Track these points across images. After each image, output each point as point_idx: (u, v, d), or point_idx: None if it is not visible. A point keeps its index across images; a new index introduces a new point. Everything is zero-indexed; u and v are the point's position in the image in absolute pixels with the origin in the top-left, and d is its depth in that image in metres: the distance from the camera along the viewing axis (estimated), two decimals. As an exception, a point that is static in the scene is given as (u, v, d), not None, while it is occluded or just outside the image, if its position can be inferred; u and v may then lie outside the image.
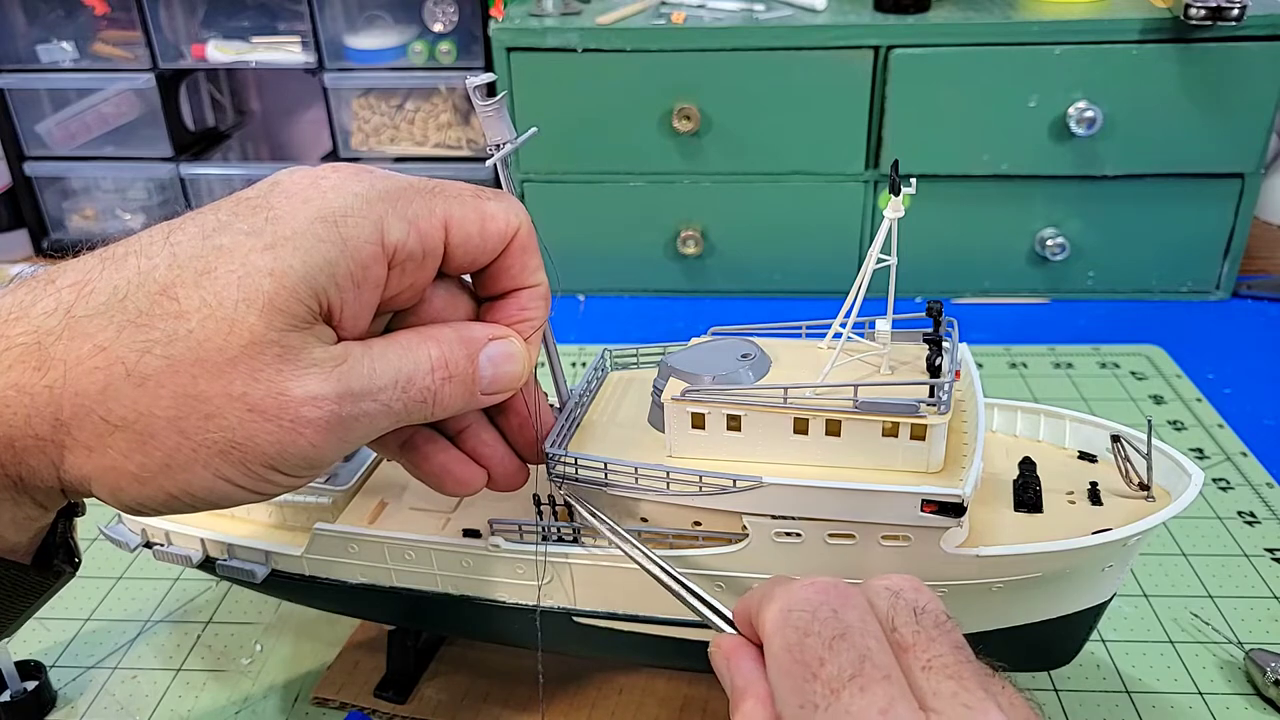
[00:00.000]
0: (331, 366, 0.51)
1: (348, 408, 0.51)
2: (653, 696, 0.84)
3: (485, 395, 0.59)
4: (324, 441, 0.51)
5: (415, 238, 0.54)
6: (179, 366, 0.48)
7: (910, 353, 0.72)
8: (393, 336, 0.56)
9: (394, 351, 0.54)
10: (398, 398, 0.54)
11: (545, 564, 0.72)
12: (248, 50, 1.77)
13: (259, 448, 0.49)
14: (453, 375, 0.56)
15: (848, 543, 0.66)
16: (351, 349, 0.53)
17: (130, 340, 0.47)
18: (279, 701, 0.86)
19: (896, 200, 0.66)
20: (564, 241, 1.57)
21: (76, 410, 0.48)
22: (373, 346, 0.54)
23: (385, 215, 0.53)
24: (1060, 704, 0.83)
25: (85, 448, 0.48)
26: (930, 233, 1.49)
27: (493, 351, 0.58)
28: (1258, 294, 1.53)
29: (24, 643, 0.93)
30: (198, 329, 0.48)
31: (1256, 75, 1.37)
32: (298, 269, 0.49)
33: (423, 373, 0.55)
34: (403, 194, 0.54)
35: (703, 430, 0.68)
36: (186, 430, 0.48)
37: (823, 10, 1.47)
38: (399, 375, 0.54)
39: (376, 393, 0.52)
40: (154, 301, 0.48)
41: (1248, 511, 1.05)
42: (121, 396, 0.47)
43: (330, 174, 0.54)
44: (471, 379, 0.57)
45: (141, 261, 0.49)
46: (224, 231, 0.50)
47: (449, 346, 0.56)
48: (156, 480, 0.49)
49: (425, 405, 0.56)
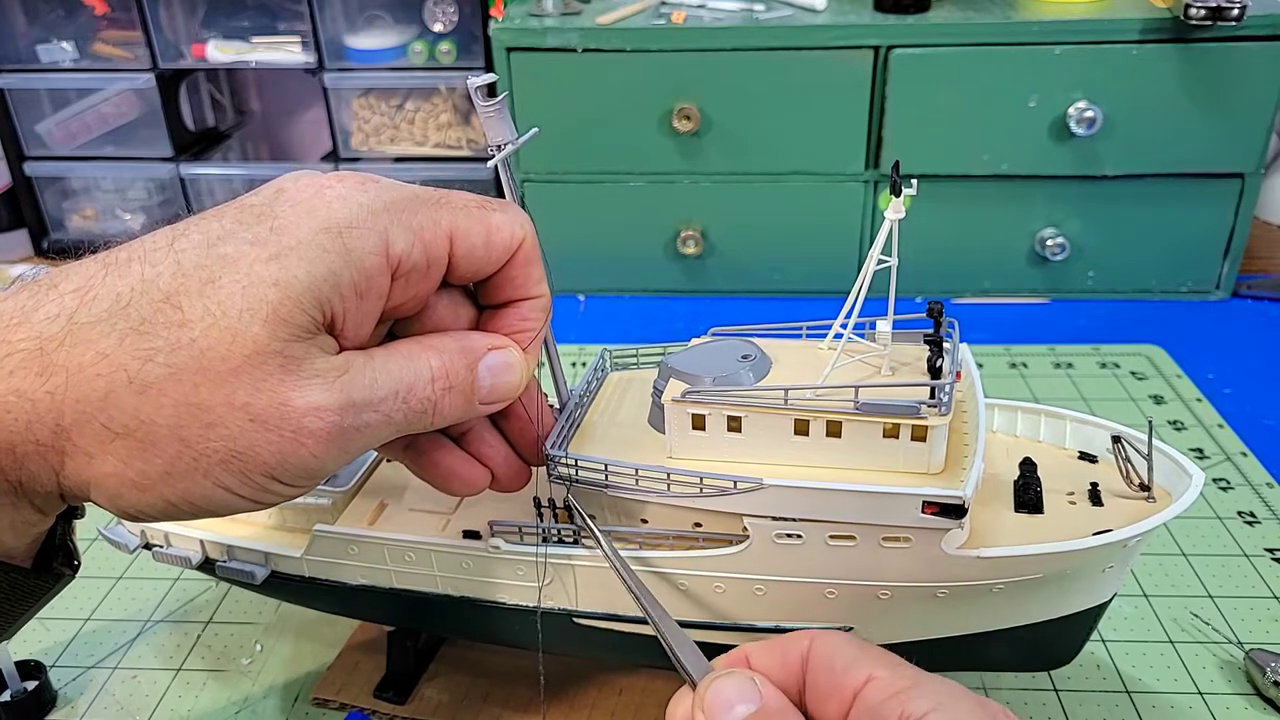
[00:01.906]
0: (334, 377, 0.51)
1: (349, 418, 0.51)
2: (653, 697, 0.84)
3: (484, 405, 0.59)
4: (325, 452, 0.51)
5: (420, 249, 0.54)
6: (181, 375, 0.48)
7: (911, 353, 0.72)
8: (393, 346, 0.56)
9: (395, 362, 0.54)
10: (398, 408, 0.54)
11: (546, 565, 0.72)
12: (248, 50, 1.77)
13: (259, 457, 0.49)
14: (453, 385, 0.56)
15: (848, 544, 0.66)
16: (353, 359, 0.53)
17: (133, 348, 0.47)
18: (279, 701, 0.86)
19: (897, 201, 0.66)
20: (564, 241, 1.57)
21: (78, 417, 0.47)
22: (374, 357, 0.54)
23: (390, 226, 0.53)
24: (1060, 704, 0.83)
25: (86, 454, 0.48)
26: (930, 233, 1.49)
27: (492, 361, 0.58)
28: (1258, 294, 1.53)
29: (24, 643, 0.94)
30: (201, 338, 0.48)
31: (1256, 75, 1.37)
32: (302, 279, 0.49)
33: (423, 383, 0.55)
34: (408, 205, 0.55)
35: (703, 431, 0.68)
36: (188, 439, 0.48)
37: (823, 10, 1.47)
38: (399, 385, 0.54)
39: (378, 403, 0.53)
40: (157, 309, 0.48)
41: (1248, 511, 1.05)
42: (123, 404, 0.47)
43: (335, 183, 0.54)
44: (471, 389, 0.58)
45: (145, 269, 0.49)
46: (229, 240, 0.50)
47: (449, 357, 0.57)
48: (156, 488, 0.49)
49: (425, 415, 0.56)
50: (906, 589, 0.68)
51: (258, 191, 0.54)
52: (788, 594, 0.69)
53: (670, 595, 0.71)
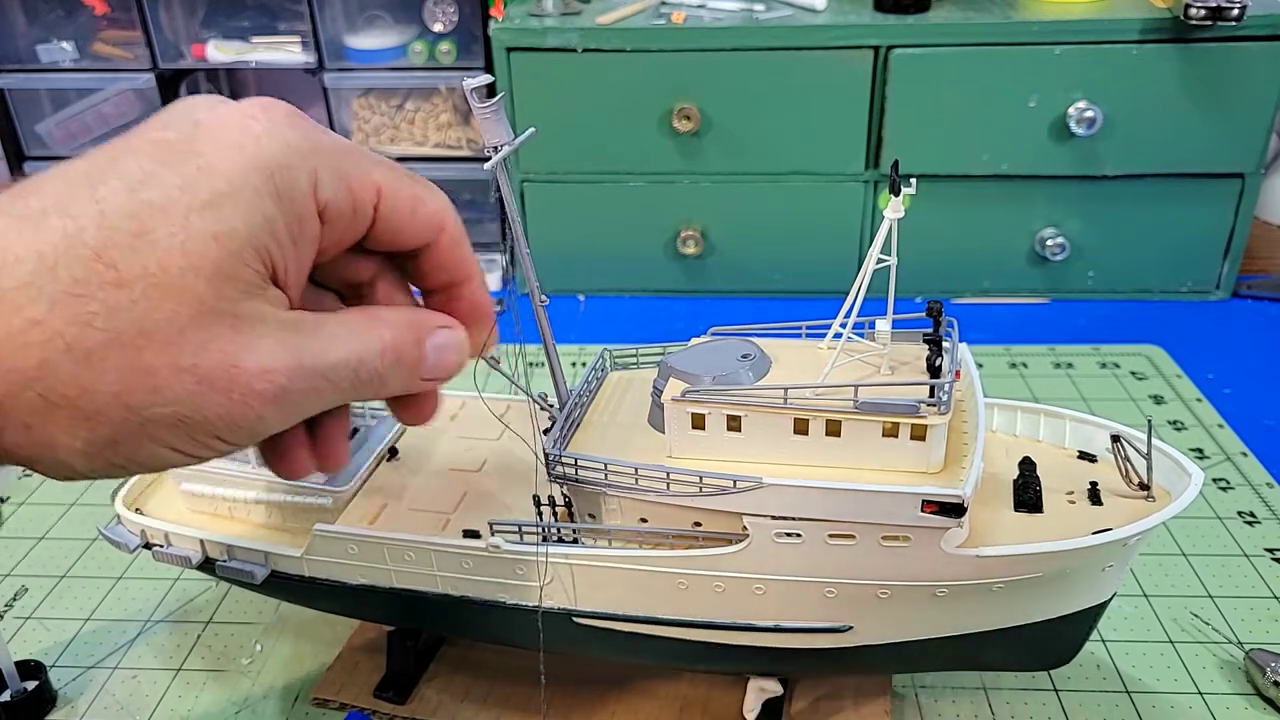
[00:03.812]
0: (285, 336, 0.50)
1: (299, 382, 0.50)
2: (652, 697, 0.84)
3: (425, 380, 0.59)
4: (272, 414, 0.50)
5: (346, 195, 0.53)
6: (124, 340, 0.45)
7: (910, 353, 0.72)
8: (344, 315, 0.55)
9: (346, 330, 0.53)
10: (347, 377, 0.53)
11: (546, 565, 0.72)
12: (248, 50, 1.76)
13: (207, 419, 0.48)
14: (400, 359, 0.56)
15: (848, 543, 0.66)
16: (304, 320, 0.51)
17: (67, 313, 0.44)
18: (279, 701, 0.86)
19: (897, 200, 0.66)
20: (564, 241, 1.57)
21: (10, 388, 0.45)
22: (326, 323, 0.53)
23: (319, 168, 0.51)
24: (1060, 704, 0.83)
25: (24, 426, 0.46)
26: (930, 233, 1.49)
27: (440, 340, 0.58)
28: (1258, 294, 1.53)
29: (24, 643, 0.94)
30: (142, 299, 0.45)
31: (1256, 75, 1.37)
32: (241, 231, 0.47)
33: (373, 354, 0.54)
34: (336, 149, 0.53)
35: (703, 431, 0.68)
36: (134, 405, 0.46)
37: (823, 10, 1.47)
38: (351, 355, 0.53)
39: (328, 370, 0.51)
40: (88, 268, 0.45)
41: (1248, 511, 1.05)
42: (60, 373, 0.45)
43: (260, 115, 0.51)
44: (417, 364, 0.57)
45: (65, 222, 0.45)
46: (153, 184, 0.47)
47: (400, 331, 0.56)
48: (103, 454, 0.48)
49: (371, 385, 0.55)
50: (906, 588, 0.68)
51: (168, 122, 0.50)
52: (787, 593, 0.69)
53: (670, 595, 0.71)
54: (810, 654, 0.73)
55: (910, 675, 0.86)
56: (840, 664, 0.76)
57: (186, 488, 0.83)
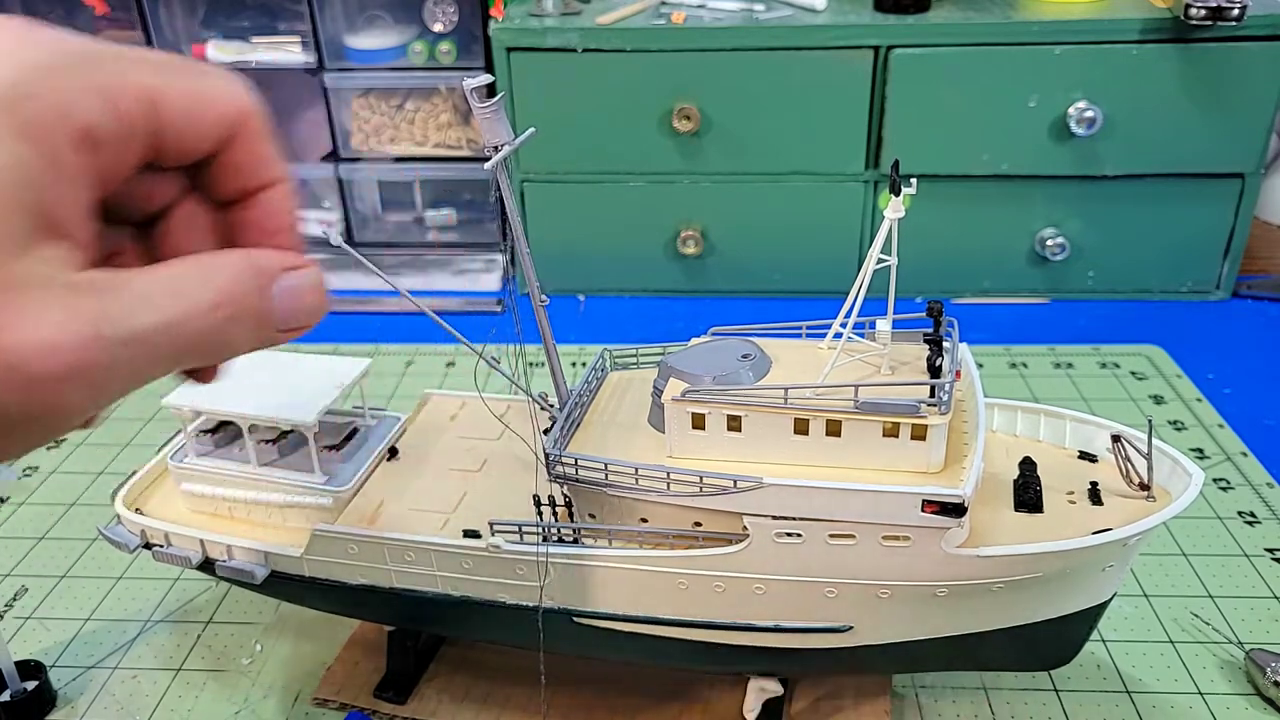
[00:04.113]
0: (75, 301, 0.40)
1: (99, 356, 0.40)
2: (652, 697, 0.84)
3: (283, 332, 0.49)
4: (73, 397, 0.40)
5: (112, 112, 0.43)
6: None
7: (910, 353, 0.72)
8: (159, 269, 0.44)
9: (160, 288, 0.43)
10: (168, 340, 0.43)
11: (546, 565, 0.72)
12: (248, 50, 1.76)
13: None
14: (241, 312, 0.46)
15: (848, 543, 0.66)
16: (100, 280, 0.42)
17: None
18: (279, 701, 0.86)
19: (897, 200, 0.66)
20: (564, 241, 1.57)
21: None
22: (133, 280, 0.43)
23: (73, 88, 0.42)
24: (1060, 704, 0.83)
25: None
26: (930, 233, 1.49)
27: (288, 283, 0.48)
28: (1258, 294, 1.53)
29: (24, 643, 0.94)
30: None
31: (1256, 75, 1.37)
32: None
33: (201, 310, 0.44)
34: (89, 59, 0.43)
35: (703, 430, 0.68)
36: None
37: (823, 10, 1.47)
38: (168, 314, 0.43)
39: (141, 336, 0.42)
40: None
41: (1248, 511, 1.05)
42: None
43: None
44: (266, 315, 0.47)
45: None
46: None
47: (235, 279, 0.46)
48: None
49: (209, 347, 0.46)
50: (906, 588, 0.68)
51: None
52: (788, 593, 0.69)
53: (670, 595, 0.71)
54: (810, 654, 0.73)
55: (910, 675, 0.86)
56: (840, 664, 0.76)
57: (186, 488, 0.83)
